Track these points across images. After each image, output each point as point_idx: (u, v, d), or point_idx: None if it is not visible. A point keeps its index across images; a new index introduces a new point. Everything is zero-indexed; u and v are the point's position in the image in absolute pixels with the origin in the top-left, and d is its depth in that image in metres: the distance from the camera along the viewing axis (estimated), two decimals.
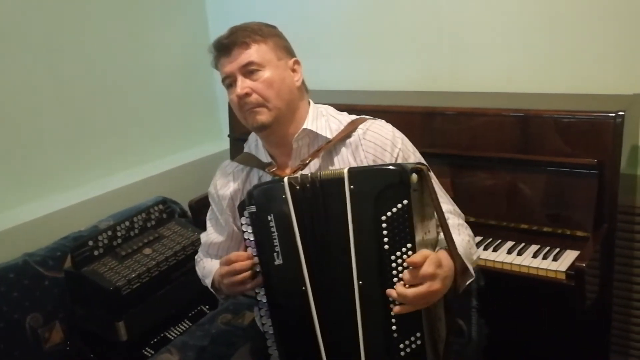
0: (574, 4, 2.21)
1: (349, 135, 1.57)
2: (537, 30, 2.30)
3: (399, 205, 1.28)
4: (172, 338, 2.24)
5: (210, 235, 1.76)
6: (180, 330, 2.29)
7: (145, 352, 2.17)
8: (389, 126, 1.60)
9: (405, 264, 1.29)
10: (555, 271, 1.78)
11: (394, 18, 2.62)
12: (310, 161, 1.56)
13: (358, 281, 1.34)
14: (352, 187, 1.33)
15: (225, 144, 2.88)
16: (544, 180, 1.96)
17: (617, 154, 1.86)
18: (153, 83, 2.94)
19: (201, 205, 2.52)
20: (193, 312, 2.38)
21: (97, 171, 2.70)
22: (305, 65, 1.61)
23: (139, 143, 2.90)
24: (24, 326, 2.05)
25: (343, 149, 1.57)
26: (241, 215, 1.48)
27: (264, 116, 1.52)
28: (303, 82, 1.61)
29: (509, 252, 1.91)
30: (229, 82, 1.55)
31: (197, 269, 1.81)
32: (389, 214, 1.29)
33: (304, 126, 1.56)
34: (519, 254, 1.89)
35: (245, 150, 1.73)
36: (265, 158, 1.63)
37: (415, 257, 1.28)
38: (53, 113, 2.50)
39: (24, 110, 2.39)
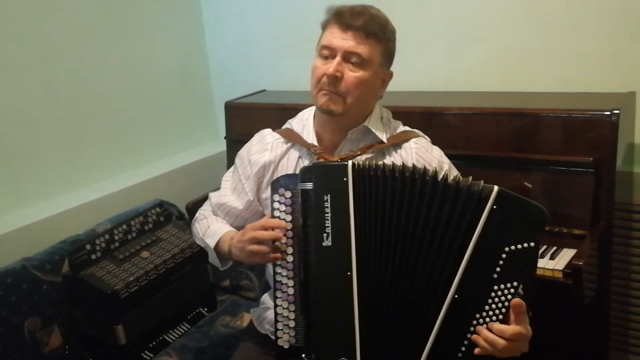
0: (568, 3, 2.22)
1: (399, 144, 1.61)
2: (533, 30, 2.30)
3: (525, 245, 1.28)
4: (171, 341, 2.24)
5: (225, 197, 1.74)
6: (179, 333, 2.29)
7: (144, 355, 2.17)
8: (437, 148, 1.66)
9: (503, 298, 1.29)
10: (553, 270, 1.78)
11: (391, 18, 2.61)
12: (359, 154, 1.59)
13: (454, 294, 1.33)
14: (495, 207, 1.30)
15: (222, 146, 2.88)
16: (541, 179, 1.96)
17: (613, 152, 1.87)
18: (149, 85, 2.93)
19: (198, 208, 2.51)
20: (192, 315, 2.37)
21: (94, 174, 2.69)
22: (302, 66, 1.62)
23: (135, 146, 2.89)
24: (23, 330, 2.05)
25: (392, 155, 1.61)
26: (274, 192, 1.47)
27: (336, 105, 1.53)
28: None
29: None
30: (327, 53, 1.54)
31: (196, 225, 1.77)
32: (513, 247, 1.28)
33: (365, 123, 1.59)
34: None
35: (288, 126, 1.72)
36: (311, 139, 1.64)
37: (520, 301, 1.28)
38: (49, 116, 2.49)
39: (20, 114, 2.38)
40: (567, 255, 1.83)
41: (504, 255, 1.29)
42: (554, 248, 1.87)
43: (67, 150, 2.57)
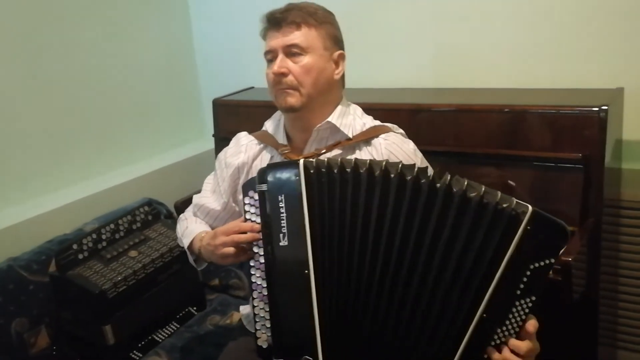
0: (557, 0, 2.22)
1: (368, 141, 1.59)
2: (522, 26, 2.31)
3: (547, 261, 1.26)
4: (160, 340, 2.23)
5: (205, 198, 1.76)
6: (168, 332, 2.28)
7: (133, 355, 2.15)
8: (411, 143, 1.63)
9: (522, 312, 1.29)
10: None
11: (379, 15, 2.61)
12: (324, 153, 1.58)
13: (483, 313, 1.30)
14: (529, 227, 1.26)
15: (210, 144, 2.86)
16: (530, 175, 1.96)
17: (602, 148, 1.87)
18: (136, 83, 2.91)
19: (187, 206, 2.50)
20: (181, 314, 2.36)
21: (81, 173, 2.67)
22: None
23: (123, 144, 2.87)
24: (9, 331, 2.03)
25: (362, 152, 1.59)
26: (245, 194, 1.48)
27: (294, 99, 1.53)
28: (342, 77, 1.63)
29: None
30: (270, 57, 1.56)
31: (178, 226, 1.80)
32: (537, 264, 1.27)
33: (329, 119, 1.58)
34: None
35: (264, 128, 1.73)
36: (282, 139, 1.64)
37: (535, 324, 1.30)
38: (35, 114, 2.46)
39: (4, 110, 2.35)
40: None
41: (528, 273, 1.27)
42: None
43: (54, 148, 2.55)
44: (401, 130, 1.68)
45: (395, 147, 1.59)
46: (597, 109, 1.87)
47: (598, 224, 1.93)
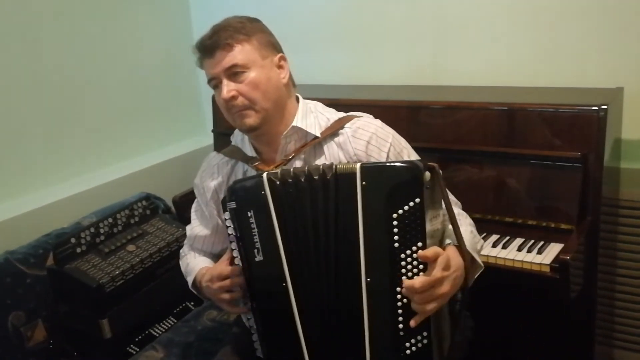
0: None
1: (336, 133, 1.57)
2: (521, 24, 2.30)
3: (411, 203, 1.27)
4: (157, 335, 2.23)
5: (195, 228, 1.76)
6: (165, 327, 2.28)
7: (130, 349, 2.16)
8: (378, 122, 1.59)
9: (415, 263, 1.29)
10: (540, 264, 1.79)
11: (379, 12, 2.61)
12: (293, 157, 1.56)
13: (366, 278, 1.33)
14: (364, 183, 1.30)
15: (209, 139, 2.86)
16: (529, 174, 1.96)
17: (601, 147, 1.87)
18: (136, 78, 2.90)
19: (185, 201, 2.50)
20: (178, 309, 2.36)
21: (79, 167, 2.67)
22: (289, 60, 1.60)
23: (122, 139, 2.87)
24: (6, 325, 2.03)
25: (330, 147, 1.57)
26: (224, 210, 1.48)
27: (251, 119, 1.51)
28: (290, 78, 1.60)
29: (494, 245, 1.91)
30: (215, 83, 1.54)
31: (180, 263, 1.81)
32: (400, 211, 1.28)
33: (294, 123, 1.56)
34: (504, 247, 1.89)
35: (232, 142, 1.72)
36: (250, 152, 1.63)
37: (428, 252, 1.27)
38: (34, 108, 2.46)
39: (3, 104, 2.35)
40: (554, 249, 1.83)
41: (395, 223, 1.28)
42: (541, 243, 1.88)
43: (52, 142, 2.55)
44: (368, 115, 1.64)
45: (363, 132, 1.55)
46: (596, 108, 1.86)
47: (596, 222, 1.93)
